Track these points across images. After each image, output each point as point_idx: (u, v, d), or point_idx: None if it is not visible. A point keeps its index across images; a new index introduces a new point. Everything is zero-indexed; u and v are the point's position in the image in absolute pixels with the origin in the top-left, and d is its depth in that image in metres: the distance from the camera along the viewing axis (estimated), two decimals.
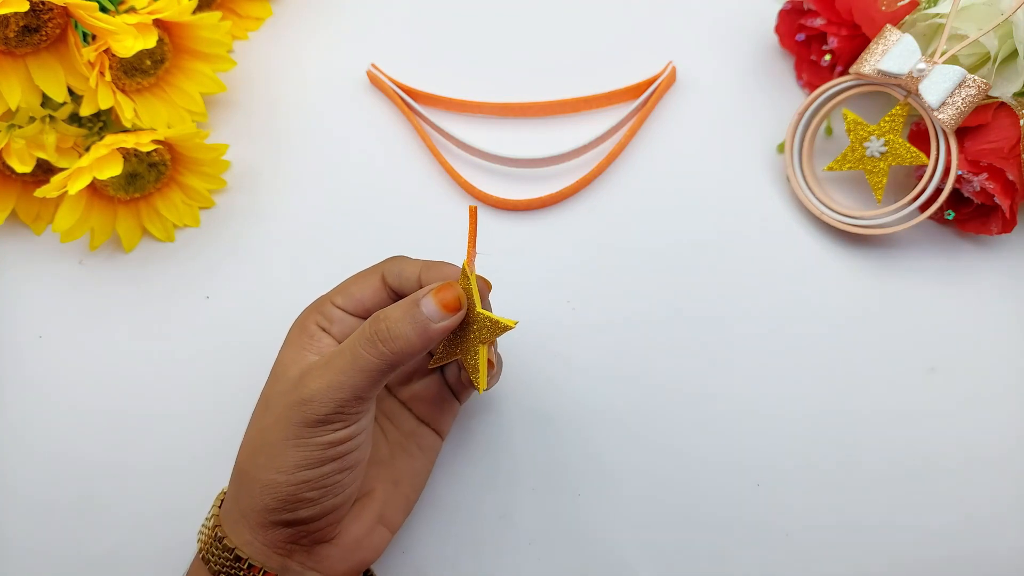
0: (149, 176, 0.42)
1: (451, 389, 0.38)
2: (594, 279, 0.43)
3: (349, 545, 0.33)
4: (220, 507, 0.34)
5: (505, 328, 0.31)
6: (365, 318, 0.33)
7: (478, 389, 0.32)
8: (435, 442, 0.38)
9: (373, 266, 0.35)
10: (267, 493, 0.30)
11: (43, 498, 0.40)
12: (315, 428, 0.30)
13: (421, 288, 0.32)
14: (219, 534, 0.32)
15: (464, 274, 0.32)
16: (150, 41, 0.37)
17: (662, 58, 0.47)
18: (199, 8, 0.44)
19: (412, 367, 0.37)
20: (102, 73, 0.38)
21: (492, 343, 0.33)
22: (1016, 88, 0.40)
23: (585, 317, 0.42)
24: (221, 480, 0.36)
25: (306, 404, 0.30)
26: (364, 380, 0.30)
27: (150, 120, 0.41)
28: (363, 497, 0.35)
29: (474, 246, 0.32)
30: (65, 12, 0.37)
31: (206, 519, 0.35)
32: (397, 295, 0.34)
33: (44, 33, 0.38)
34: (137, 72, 0.40)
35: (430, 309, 0.30)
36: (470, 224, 0.31)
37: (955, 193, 0.42)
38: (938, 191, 0.41)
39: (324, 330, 0.33)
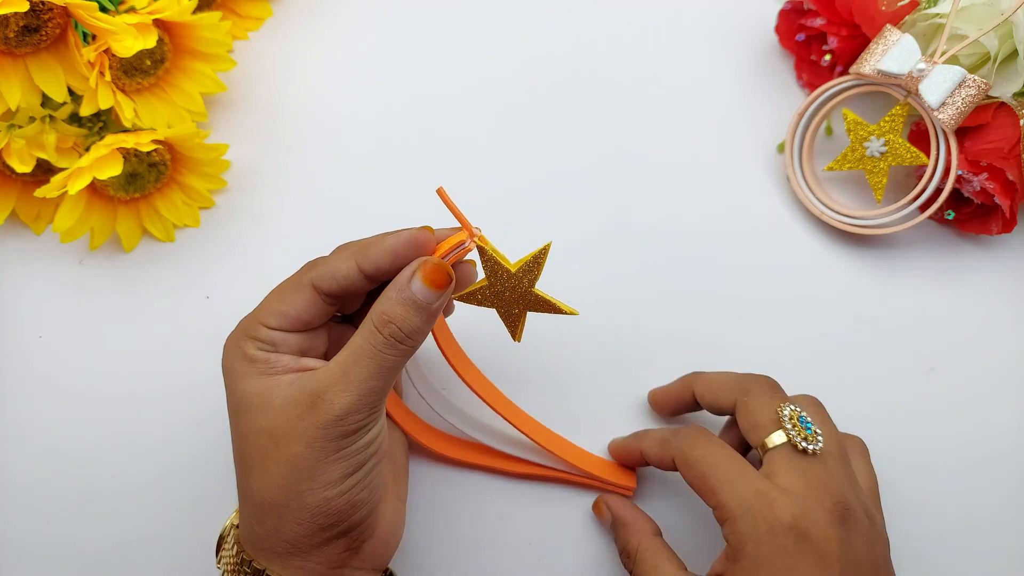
0: (149, 176, 0.42)
1: None
2: (592, 277, 0.43)
3: (387, 530, 0.34)
4: (237, 543, 0.33)
5: (559, 311, 0.33)
6: (304, 331, 0.33)
7: (514, 340, 0.34)
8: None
9: (293, 280, 0.33)
10: (320, 512, 0.31)
11: (44, 497, 0.40)
12: (352, 437, 0.31)
13: (365, 275, 0.32)
14: (257, 567, 0.31)
15: (479, 249, 0.32)
16: (150, 41, 0.37)
17: (662, 58, 0.47)
18: (199, 8, 0.44)
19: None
20: (102, 73, 0.38)
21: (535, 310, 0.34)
22: (1016, 88, 0.40)
23: (584, 317, 0.42)
24: (220, 478, 0.35)
25: (341, 419, 0.30)
26: (389, 380, 0.31)
27: (150, 120, 0.41)
28: None
29: (464, 218, 0.32)
30: (65, 12, 0.37)
31: (225, 556, 0.33)
32: (339, 299, 0.33)
33: (44, 33, 0.38)
34: (137, 72, 0.40)
35: (425, 294, 0.31)
36: (447, 205, 0.31)
37: (955, 193, 0.42)
38: (938, 191, 0.41)
39: (271, 353, 0.32)
